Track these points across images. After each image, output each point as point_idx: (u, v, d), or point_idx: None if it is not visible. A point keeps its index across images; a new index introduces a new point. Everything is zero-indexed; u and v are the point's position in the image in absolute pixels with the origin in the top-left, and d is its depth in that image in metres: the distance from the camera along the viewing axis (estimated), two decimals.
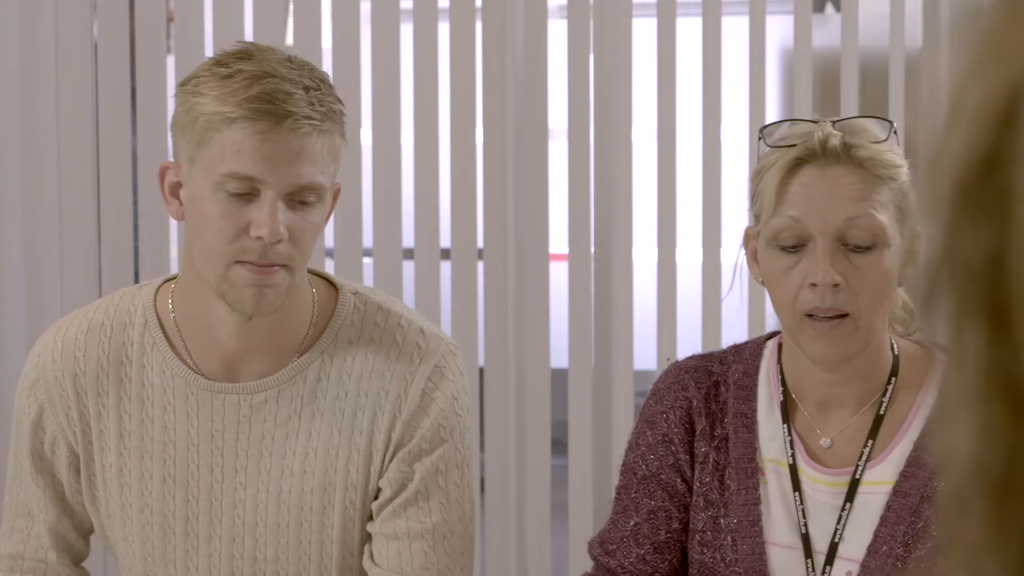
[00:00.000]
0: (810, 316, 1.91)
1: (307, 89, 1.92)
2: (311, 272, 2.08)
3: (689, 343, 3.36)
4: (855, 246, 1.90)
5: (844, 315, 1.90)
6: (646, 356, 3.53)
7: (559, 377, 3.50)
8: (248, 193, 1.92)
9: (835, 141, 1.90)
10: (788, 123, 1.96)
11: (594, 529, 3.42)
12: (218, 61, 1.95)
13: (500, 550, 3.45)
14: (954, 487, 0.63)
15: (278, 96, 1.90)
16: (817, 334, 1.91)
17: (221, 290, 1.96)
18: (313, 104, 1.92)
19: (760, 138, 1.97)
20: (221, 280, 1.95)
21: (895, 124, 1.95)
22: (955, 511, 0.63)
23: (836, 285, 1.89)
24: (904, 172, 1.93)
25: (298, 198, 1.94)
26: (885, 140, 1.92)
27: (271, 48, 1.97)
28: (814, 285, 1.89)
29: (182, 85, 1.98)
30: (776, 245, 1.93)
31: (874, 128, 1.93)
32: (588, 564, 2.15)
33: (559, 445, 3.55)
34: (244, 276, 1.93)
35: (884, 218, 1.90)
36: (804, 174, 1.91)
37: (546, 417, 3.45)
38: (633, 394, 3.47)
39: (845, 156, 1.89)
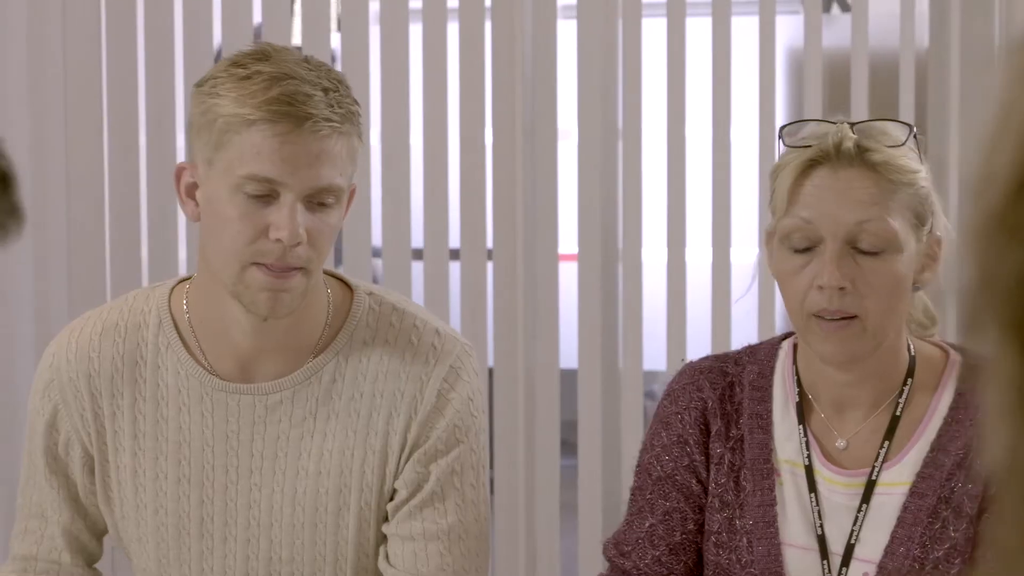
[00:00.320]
0: (818, 316, 1.91)
1: (326, 91, 1.92)
2: (326, 273, 2.08)
3: (699, 343, 3.36)
4: (865, 250, 1.89)
5: (853, 316, 1.90)
6: (655, 356, 3.53)
7: (568, 377, 3.50)
8: (267, 195, 1.92)
9: (849, 143, 1.89)
10: (808, 123, 1.95)
11: (603, 530, 3.42)
12: (235, 62, 1.94)
13: (509, 551, 3.45)
14: (994, 494, 0.65)
15: (298, 98, 1.89)
16: (825, 334, 1.91)
17: (236, 291, 1.96)
18: (332, 106, 1.91)
19: (780, 137, 1.97)
20: (237, 282, 1.94)
21: (915, 129, 1.94)
22: (993, 518, 0.65)
23: (843, 288, 1.89)
24: (921, 177, 1.92)
25: (317, 200, 1.93)
26: (902, 144, 1.91)
27: (287, 49, 1.97)
28: (822, 287, 1.89)
29: (198, 86, 1.97)
30: (788, 245, 1.93)
31: (894, 132, 1.92)
32: (597, 564, 2.15)
33: (568, 445, 3.55)
34: (260, 279, 1.93)
35: (896, 223, 1.89)
36: (817, 175, 1.91)
37: (555, 417, 3.44)
38: (643, 394, 3.47)
39: (858, 159, 1.89)
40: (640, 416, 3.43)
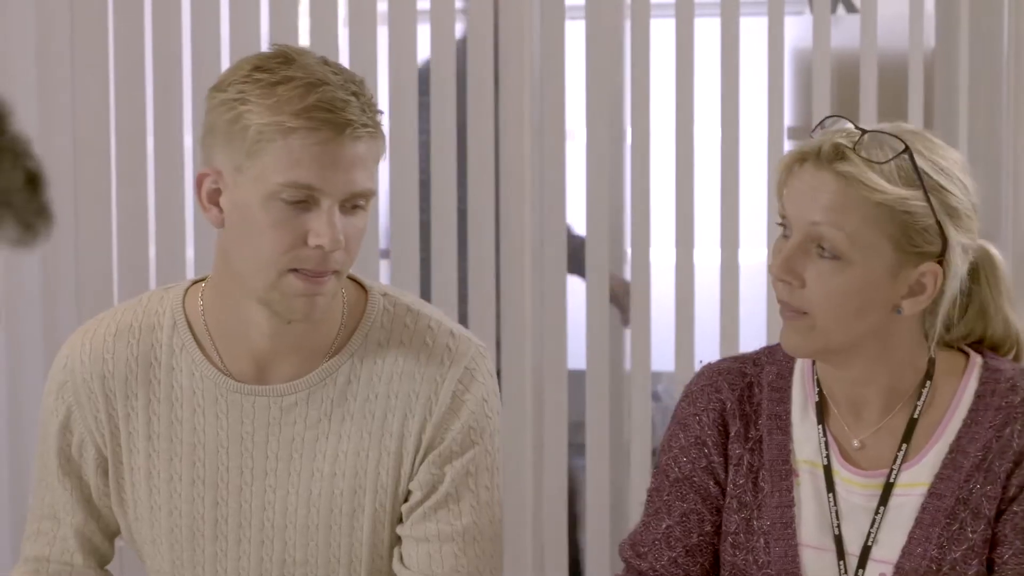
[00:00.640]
0: (781, 305, 1.94)
1: (356, 95, 1.91)
2: None
3: (708, 344, 3.36)
4: (824, 251, 1.90)
5: (805, 312, 1.91)
6: (664, 357, 3.52)
7: (576, 378, 3.50)
8: (303, 201, 1.91)
9: (828, 147, 1.90)
10: (840, 120, 1.96)
11: (611, 531, 3.41)
12: (258, 66, 1.92)
13: (517, 552, 3.44)
14: None
15: (336, 105, 1.89)
16: (784, 323, 1.95)
17: (269, 298, 1.95)
18: (364, 111, 1.91)
19: (814, 129, 1.97)
20: (271, 288, 1.93)
21: (909, 150, 1.90)
22: None
23: (788, 283, 1.91)
24: (907, 202, 1.88)
25: (351, 204, 1.93)
26: (881, 163, 1.89)
27: (305, 51, 1.96)
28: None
29: (219, 91, 1.95)
30: (781, 228, 1.96)
31: (896, 147, 1.90)
32: (605, 565, 2.14)
33: (576, 446, 3.55)
34: (297, 285, 1.92)
35: (849, 235, 1.88)
36: (801, 171, 1.93)
37: (563, 418, 3.44)
38: (651, 395, 3.47)
39: (831, 164, 1.89)
40: (648, 417, 3.43)
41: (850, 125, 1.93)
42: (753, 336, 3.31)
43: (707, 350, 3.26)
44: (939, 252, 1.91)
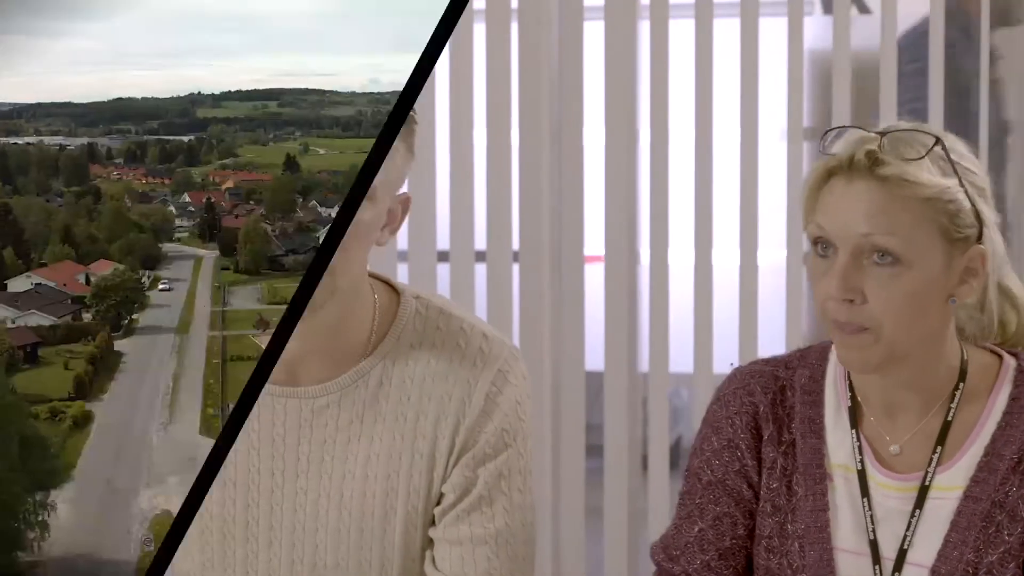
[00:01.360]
0: (836, 323, 1.91)
1: None
2: (372, 276, 2.07)
3: (726, 345, 3.35)
4: (877, 261, 1.89)
5: (867, 327, 1.90)
6: (681, 359, 3.52)
7: (594, 379, 3.50)
8: None
9: (861, 155, 1.88)
10: (849, 130, 1.95)
11: (629, 533, 3.41)
12: None
13: (535, 554, 3.44)
14: None
15: None
16: (841, 340, 1.92)
17: None
18: None
19: (821, 142, 1.96)
20: None
21: (941, 141, 1.90)
22: None
23: (851, 301, 1.89)
24: (948, 191, 1.89)
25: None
26: (920, 158, 1.89)
27: None
28: (832, 297, 1.90)
29: None
30: (815, 249, 1.94)
31: (927, 143, 1.90)
32: (623, 567, 2.14)
33: (594, 448, 3.54)
34: None
35: (905, 237, 1.87)
36: (833, 185, 1.91)
37: (581, 420, 3.44)
38: (668, 397, 3.46)
39: (870, 171, 1.88)
40: (666, 418, 3.43)
41: (863, 132, 1.92)
42: (771, 338, 3.30)
43: (727, 352, 3.26)
44: (978, 234, 1.92)
